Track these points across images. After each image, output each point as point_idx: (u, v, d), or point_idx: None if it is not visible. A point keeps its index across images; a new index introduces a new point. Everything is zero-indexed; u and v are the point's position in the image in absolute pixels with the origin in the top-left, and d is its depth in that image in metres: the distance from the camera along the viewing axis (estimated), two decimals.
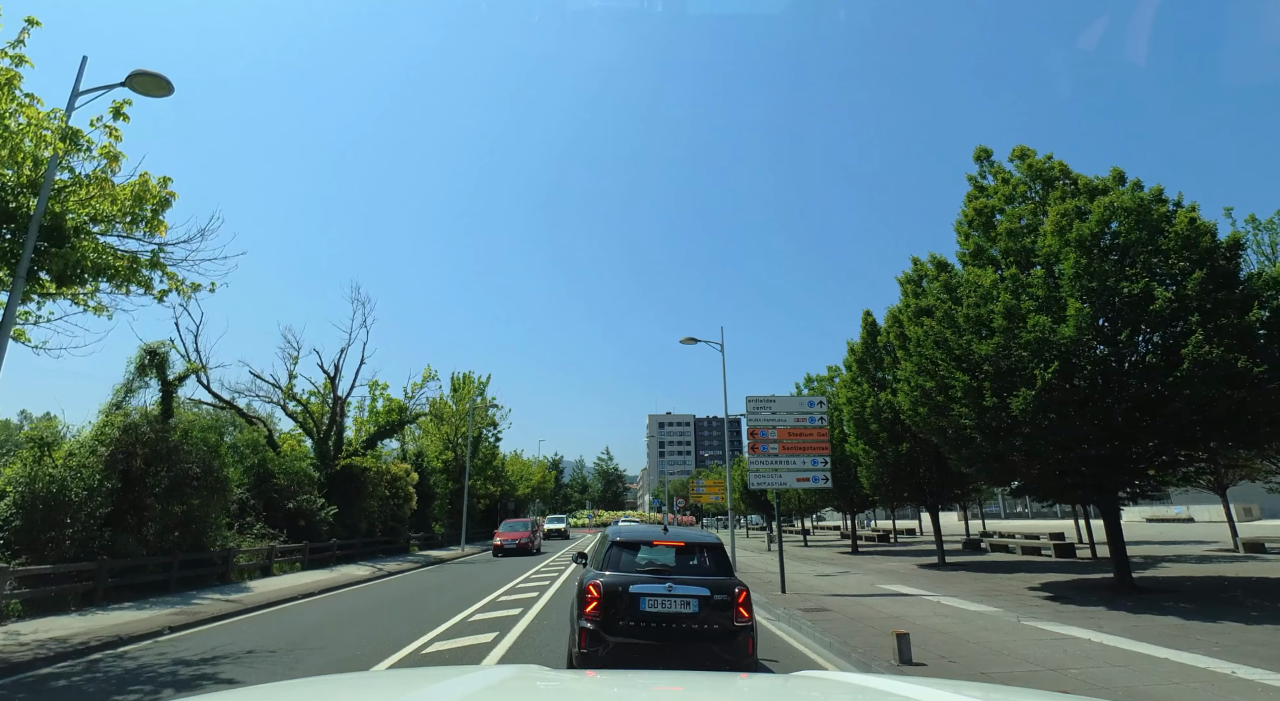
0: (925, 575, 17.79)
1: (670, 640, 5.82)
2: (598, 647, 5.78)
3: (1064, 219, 12.27)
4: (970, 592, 13.78)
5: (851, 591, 14.52)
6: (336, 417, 26.09)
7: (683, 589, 5.97)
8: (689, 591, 5.95)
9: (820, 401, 15.43)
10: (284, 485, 21.96)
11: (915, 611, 11.41)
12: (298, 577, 18.01)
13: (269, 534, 19.76)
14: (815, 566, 21.38)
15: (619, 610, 5.87)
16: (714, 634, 5.88)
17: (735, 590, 6.05)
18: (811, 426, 15.31)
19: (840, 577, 17.63)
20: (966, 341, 12.61)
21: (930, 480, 20.41)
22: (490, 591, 15.13)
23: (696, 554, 6.59)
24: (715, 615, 5.91)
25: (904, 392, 15.00)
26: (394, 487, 28.93)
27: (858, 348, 21.85)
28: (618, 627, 5.83)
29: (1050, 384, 11.08)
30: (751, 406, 15.34)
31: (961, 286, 13.05)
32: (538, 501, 67.53)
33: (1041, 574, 17.29)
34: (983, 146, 16.15)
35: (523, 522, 31.48)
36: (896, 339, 16.00)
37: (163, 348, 15.68)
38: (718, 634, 5.89)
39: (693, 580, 6.11)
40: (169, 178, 10.03)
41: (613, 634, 5.81)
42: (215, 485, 16.20)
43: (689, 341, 21.87)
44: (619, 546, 6.55)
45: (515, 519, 35.15)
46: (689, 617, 5.87)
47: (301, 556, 20.36)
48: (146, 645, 9.41)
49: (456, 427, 40.24)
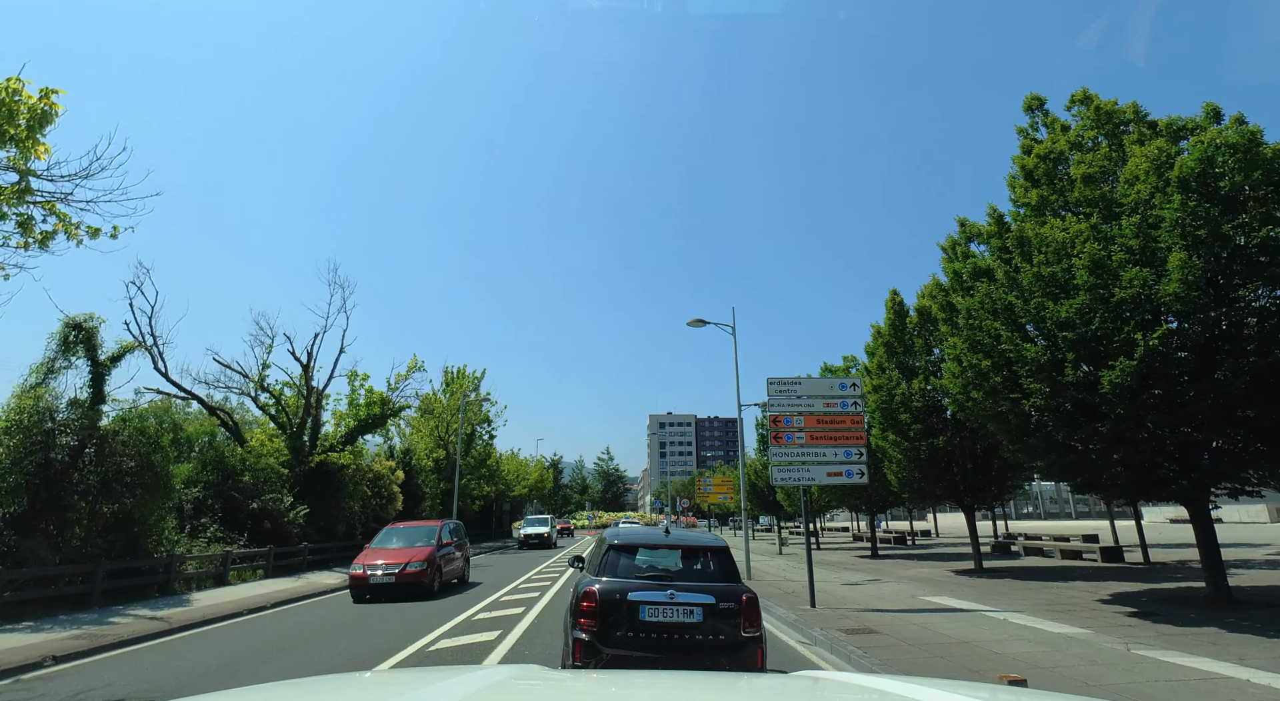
0: (967, 584, 15.65)
1: (672, 652, 5.41)
2: (592, 660, 5.39)
3: (1160, 156, 10.17)
4: (1035, 607, 11.64)
5: (892, 604, 12.38)
6: (311, 409, 23.95)
7: (685, 596, 5.55)
8: (692, 599, 5.55)
9: (854, 384, 13.29)
10: (249, 483, 19.82)
11: (985, 634, 9.27)
12: (256, 587, 15.87)
13: (226, 537, 17.61)
14: (837, 573, 19.24)
15: (616, 619, 5.47)
16: (719, 645, 5.47)
17: (742, 597, 5.66)
18: (844, 412, 13.16)
19: (871, 587, 15.49)
20: (1036, 306, 10.46)
21: (967, 477, 18.26)
22: (471, 604, 12.99)
23: (700, 558, 6.17)
24: (721, 625, 5.50)
25: (950, 374, 12.86)
26: (377, 487, 26.79)
27: (884, 331, 19.70)
28: (614, 638, 5.42)
29: (1154, 351, 8.94)
30: (774, 389, 13.20)
31: (1031, 242, 10.89)
32: (535, 502, 65.31)
33: (1101, 582, 15.15)
34: (1034, 94, 14.03)
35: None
36: (941, 310, 13.84)
37: (90, 321, 13.54)
38: (724, 645, 5.47)
39: (696, 587, 5.68)
40: (55, 89, 7.92)
41: (609, 645, 5.41)
42: (154, 482, 14.06)
43: (697, 323, 19.76)
44: (617, 550, 6.08)
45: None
46: (692, 627, 5.47)
47: (265, 562, 18.21)
48: (4, 685, 7.27)
49: (448, 424, 38.08)
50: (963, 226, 13.79)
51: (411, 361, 26.74)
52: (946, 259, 14.43)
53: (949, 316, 13.62)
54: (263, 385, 23.71)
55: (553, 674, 2.24)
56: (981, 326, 11.38)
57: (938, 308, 14.13)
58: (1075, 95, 13.21)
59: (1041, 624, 9.92)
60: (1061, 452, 10.97)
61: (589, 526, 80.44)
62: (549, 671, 2.28)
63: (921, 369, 18.62)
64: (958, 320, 12.36)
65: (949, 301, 13.66)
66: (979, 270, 12.07)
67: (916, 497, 19.58)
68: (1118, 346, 9.33)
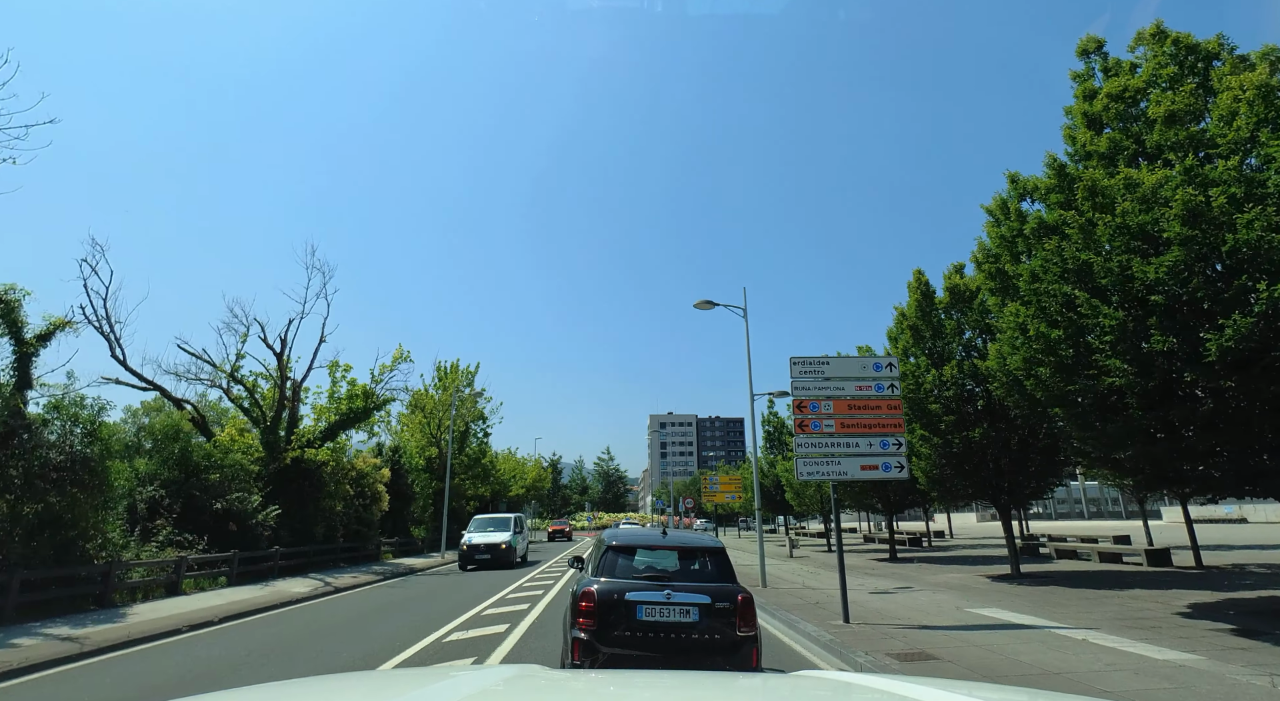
0: (1012, 592, 13.90)
1: (669, 651, 5.41)
2: (591, 659, 5.40)
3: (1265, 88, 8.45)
4: (1109, 622, 9.88)
5: (939, 619, 10.62)
6: (287, 402, 22.19)
7: (682, 596, 5.59)
8: (689, 599, 5.57)
9: (891, 363, 11.54)
10: (215, 482, 18.06)
11: (1073, 661, 7.52)
12: (212, 598, 14.12)
13: (184, 541, 15.85)
14: (860, 579, 17.48)
15: (614, 619, 5.49)
16: (716, 645, 5.48)
17: (739, 597, 5.67)
18: (879, 396, 11.41)
19: (904, 596, 13.74)
20: (1120, 265, 8.71)
21: (1003, 473, 16.49)
22: (448, 619, 11.24)
23: (697, 559, 6.19)
24: (717, 624, 5.52)
25: (1009, 347, 11.09)
26: (360, 486, 25.01)
27: (909, 313, 17.91)
28: (612, 638, 5.44)
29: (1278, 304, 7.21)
30: (798, 370, 11.45)
31: (1109, 190, 9.14)
32: (533, 502, 63.50)
33: (1164, 590, 13.39)
34: (1092, 35, 12.35)
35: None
36: (990, 278, 12.04)
37: (10, 292, 11.76)
38: (720, 645, 5.48)
39: (693, 587, 5.71)
40: None
41: (607, 644, 5.42)
42: (91, 478, 12.32)
43: (706, 305, 18.01)
44: (615, 551, 6.13)
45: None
46: (689, 627, 5.48)
47: (229, 568, 16.44)
48: None
49: (440, 421, 36.30)
50: (1014, 183, 12.01)
51: (397, 352, 24.96)
52: (992, 223, 12.66)
53: (1001, 284, 11.85)
54: (235, 376, 21.96)
55: (553, 674, 2.24)
56: (1049, 290, 9.62)
57: (985, 276, 12.36)
58: (1144, 32, 11.47)
59: (1134, 646, 8.16)
60: (1147, 441, 9.21)
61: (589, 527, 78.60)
62: (549, 671, 2.27)
63: (953, 354, 16.84)
64: (1018, 284, 10.58)
65: (999, 268, 11.88)
66: (1045, 227, 10.29)
67: (946, 497, 17.82)
68: (1230, 298, 7.58)
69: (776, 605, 12.45)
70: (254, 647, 9.17)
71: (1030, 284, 10.29)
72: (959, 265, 18.15)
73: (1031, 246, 10.93)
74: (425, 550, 32.32)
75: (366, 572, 20.48)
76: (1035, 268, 10.27)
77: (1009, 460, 16.50)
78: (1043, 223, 10.39)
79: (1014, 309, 10.68)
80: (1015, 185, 12.00)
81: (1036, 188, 11.24)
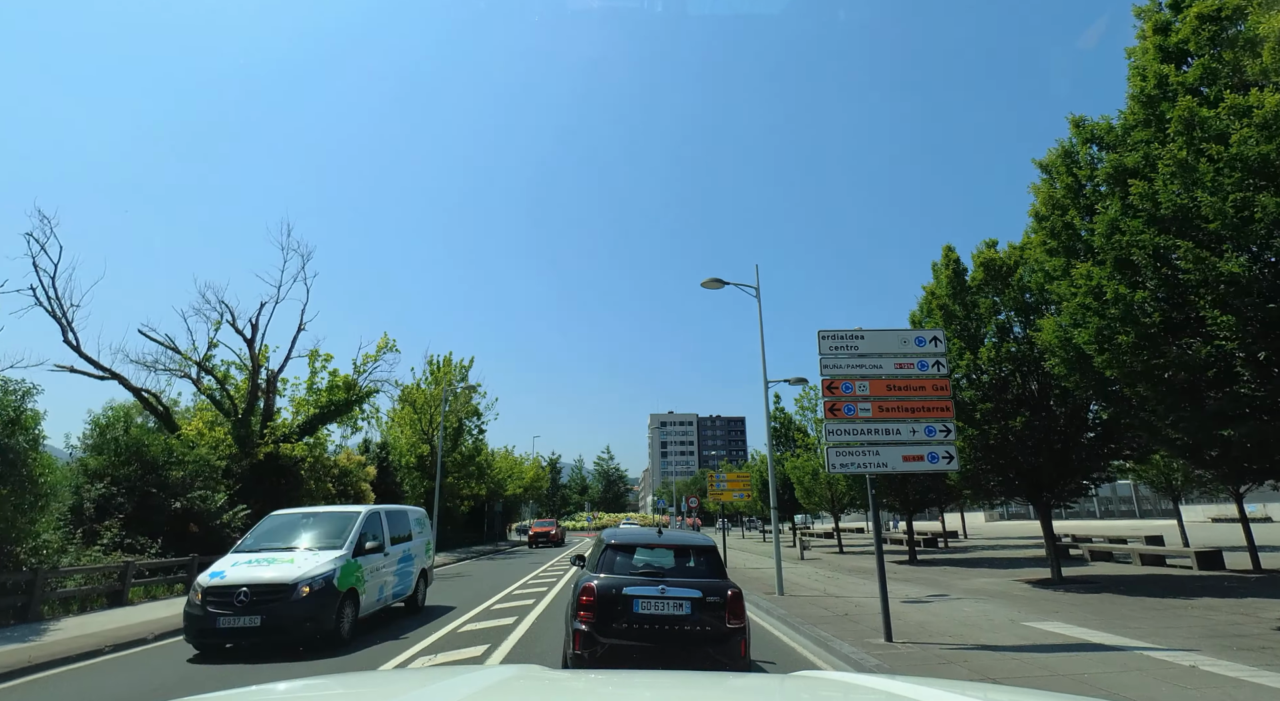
0: (1063, 600, 12.28)
1: (663, 642, 5.74)
2: (591, 649, 5.71)
3: None
4: (1202, 640, 8.28)
5: (997, 636, 9.00)
6: (261, 393, 20.58)
7: (675, 591, 5.89)
8: (682, 593, 5.87)
9: (936, 337, 9.92)
10: (177, 478, 16.44)
11: (1195, 697, 5.90)
12: (161, 608, 12.51)
13: (135, 544, 14.24)
14: None
15: (613, 612, 5.80)
16: (706, 636, 5.79)
17: (728, 592, 5.95)
18: (923, 375, 9.80)
19: (942, 606, 12.12)
20: (1237, 204, 7.09)
21: (1043, 467, 14.87)
22: (417, 638, 9.62)
23: (690, 557, 6.50)
24: (707, 617, 5.82)
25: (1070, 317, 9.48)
26: (343, 484, 23.39)
27: (940, 291, 16.27)
28: (611, 629, 5.75)
29: None
30: (827, 346, 9.84)
31: (1210, 122, 7.51)
32: (531, 503, 61.84)
33: (1240, 599, 11.76)
34: None
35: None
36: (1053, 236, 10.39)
37: None
38: (710, 636, 5.79)
39: (685, 582, 6.02)
40: None
41: (606, 635, 5.73)
42: (12, 474, 10.71)
43: (714, 284, 16.40)
44: (614, 549, 6.48)
45: None
46: (682, 619, 5.79)
47: (187, 575, 14.82)
48: None
49: (431, 417, 34.66)
50: (1079, 127, 10.35)
51: (382, 341, 23.26)
52: (1047, 181, 11.03)
53: (1066, 243, 10.20)
54: (206, 366, 20.34)
55: (553, 674, 2.26)
56: (1138, 241, 8.00)
57: (1046, 233, 10.67)
58: None
59: (1261, 676, 6.54)
60: (1260, 420, 7.58)
61: (588, 528, 76.99)
62: (549, 671, 2.29)
63: (988, 336, 15.22)
64: (1092, 241, 8.96)
65: (1065, 224, 10.21)
66: (1123, 171, 8.66)
67: (979, 494, 16.22)
68: None
69: (800, 617, 10.83)
70: (168, 681, 7.54)
71: (1109, 238, 8.66)
72: (991, 241, 16.53)
73: (1104, 198, 9.30)
74: None
75: None
76: (1113, 218, 8.64)
77: (1049, 454, 14.89)
78: (1121, 167, 8.76)
79: (1084, 271, 9.05)
80: (1080, 130, 10.35)
81: (1110, 129, 9.60)
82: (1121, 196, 8.59)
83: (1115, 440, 14.45)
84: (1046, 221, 10.52)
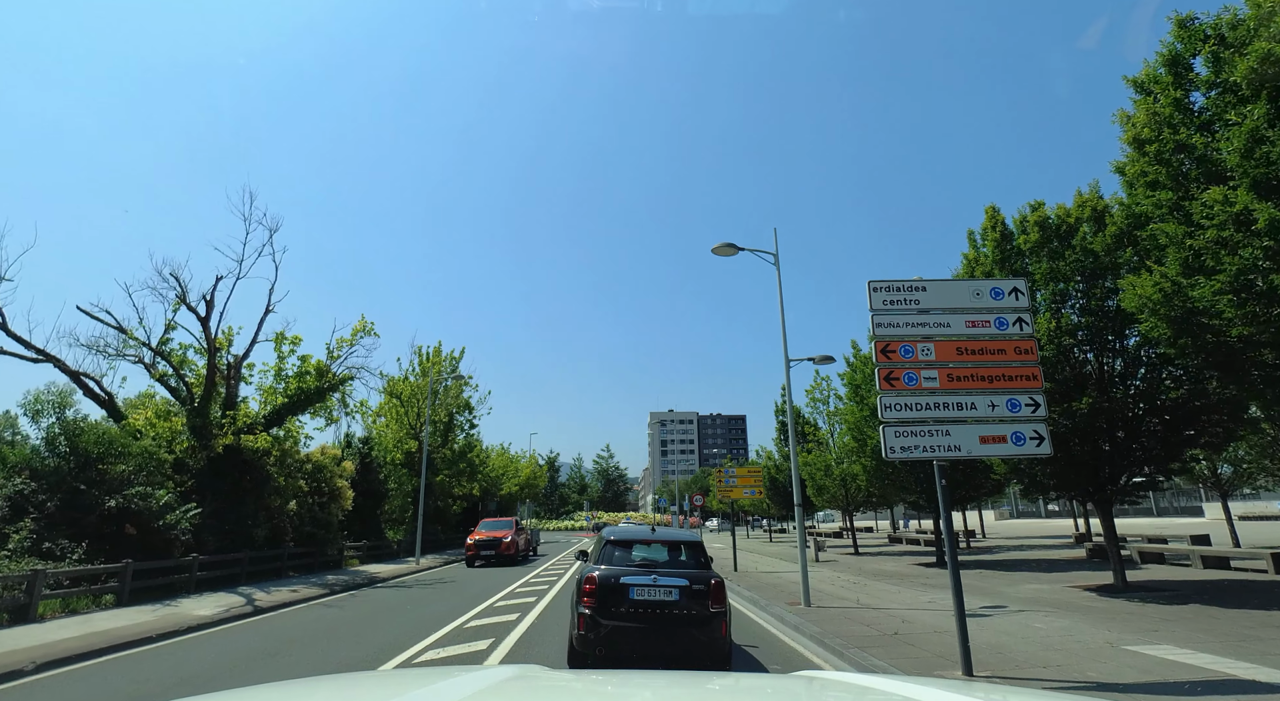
0: (1149, 614, 10.27)
1: (655, 623, 6.53)
2: (594, 631, 6.50)
3: None
4: None
5: (1107, 669, 6.97)
6: (223, 378, 18.55)
7: (666, 580, 6.70)
8: (671, 582, 6.69)
9: (1017, 288, 7.93)
10: (117, 473, 14.42)
11: None
12: (76, 625, 10.49)
13: (55, 549, 12.21)
14: (920, 592, 13.87)
15: (612, 598, 6.59)
16: (692, 618, 6.56)
17: (711, 581, 6.76)
18: (1002, 335, 7.81)
19: (1005, 621, 10.10)
20: None
21: (1113, 456, 12.87)
22: (373, 662, 7.62)
23: (680, 551, 7.37)
24: (693, 602, 6.59)
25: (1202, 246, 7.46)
26: (316, 481, 21.36)
27: (986, 256, 14.24)
28: (611, 613, 6.54)
29: None
30: (881, 300, 7.84)
31: None
32: (529, 502, 59.76)
33: None
34: None
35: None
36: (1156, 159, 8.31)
37: None
38: (695, 618, 6.56)
39: (675, 573, 6.86)
40: None
41: (607, 618, 6.52)
42: None
43: (728, 250, 14.36)
44: (613, 544, 7.29)
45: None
46: (671, 604, 6.58)
47: (119, 584, 12.80)
48: None
49: (419, 410, 32.61)
50: (1183, 27, 8.31)
51: (359, 324, 21.18)
52: (1145, 100, 9.00)
53: (1176, 171, 8.16)
54: (161, 351, 18.30)
55: (554, 674, 2.28)
56: None
57: (1148, 160, 8.59)
58: None
59: None
60: None
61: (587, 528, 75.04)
62: (550, 671, 2.31)
63: (1047, 303, 13.20)
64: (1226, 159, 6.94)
65: (1179, 145, 8.17)
66: (1273, 59, 6.63)
67: (1032, 488, 14.18)
68: None
69: (840, 637, 8.82)
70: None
71: (1248, 154, 6.63)
72: (1038, 202, 14.54)
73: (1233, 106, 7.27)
74: (400, 554, 28.64)
75: (315, 584, 16.83)
76: (1254, 126, 6.61)
77: (1113, 442, 12.89)
78: (1271, 55, 6.72)
79: (1218, 195, 7.01)
80: (1184, 29, 8.30)
81: (1238, 22, 7.57)
82: (1271, 97, 6.57)
83: (1194, 424, 12.46)
84: (1152, 145, 8.47)
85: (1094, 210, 13.48)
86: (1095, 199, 13.73)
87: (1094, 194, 13.89)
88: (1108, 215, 13.44)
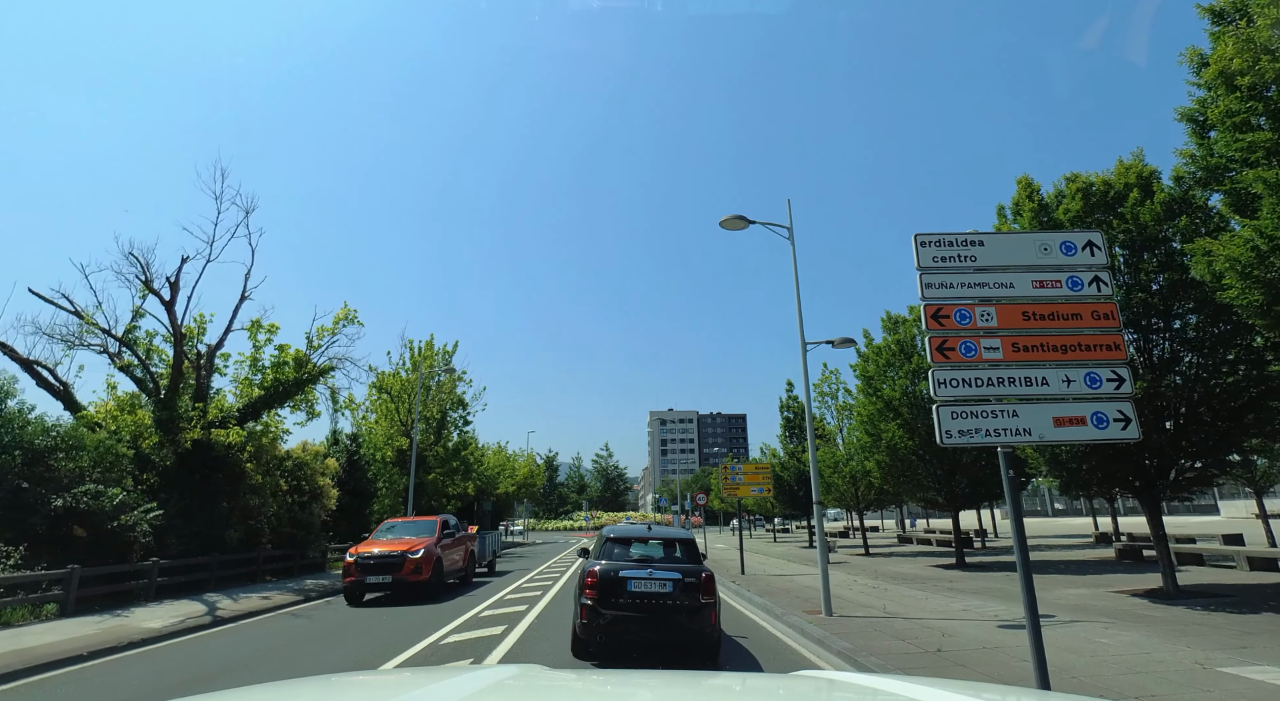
0: (1219, 625, 9.02)
1: (651, 613, 7.16)
2: (596, 619, 7.14)
3: None
4: None
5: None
6: (194, 367, 17.26)
7: (660, 574, 7.31)
8: (665, 575, 7.30)
9: (1092, 242, 6.66)
10: (67, 469, 13.15)
11: None
12: (3, 641, 9.22)
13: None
14: (949, 598, 12.61)
15: (611, 590, 7.23)
16: (684, 609, 7.19)
17: (702, 575, 7.39)
18: (1076, 296, 6.54)
19: (1061, 634, 8.84)
20: None
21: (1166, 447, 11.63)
22: None
23: (674, 547, 8.01)
24: (686, 594, 7.24)
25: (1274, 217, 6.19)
26: (296, 478, 20.08)
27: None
28: (610, 603, 7.17)
29: None
30: (930, 256, 6.58)
31: None
32: (526, 502, 58.46)
33: None
34: None
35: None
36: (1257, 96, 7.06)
37: None
38: (687, 608, 7.19)
39: (669, 567, 7.45)
40: None
41: (607, 608, 7.15)
42: None
43: (737, 223, 13.07)
44: (613, 542, 8.05)
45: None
46: (665, 596, 7.21)
47: (63, 590, 11.52)
48: None
49: (410, 406, 31.32)
50: None
51: (341, 311, 19.89)
52: (1227, 30, 7.74)
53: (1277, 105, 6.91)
54: (126, 339, 17.01)
55: (554, 674, 2.24)
56: None
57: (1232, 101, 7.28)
58: None
59: None
60: None
61: (586, 528, 73.80)
62: (550, 671, 2.27)
63: None
64: None
65: None
66: None
67: (1072, 484, 12.91)
68: None
69: (873, 654, 7.53)
70: None
71: None
72: (1074, 174, 13.33)
73: None
74: None
75: (291, 589, 15.55)
76: None
77: (1163, 432, 11.64)
78: None
79: None
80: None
81: None
82: None
83: (1255, 410, 11.23)
84: (1245, 77, 7.20)
85: (1139, 177, 12.30)
86: (1140, 165, 12.55)
87: (1138, 161, 12.71)
88: (1155, 181, 12.27)
